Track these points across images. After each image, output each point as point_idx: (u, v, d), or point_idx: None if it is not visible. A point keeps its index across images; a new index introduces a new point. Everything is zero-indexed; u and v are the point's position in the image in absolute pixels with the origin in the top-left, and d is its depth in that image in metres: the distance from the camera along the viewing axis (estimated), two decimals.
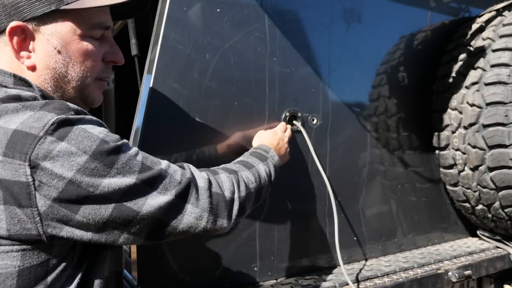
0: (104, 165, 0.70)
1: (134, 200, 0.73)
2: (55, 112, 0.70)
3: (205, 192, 0.84)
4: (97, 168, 0.69)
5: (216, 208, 0.85)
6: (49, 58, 0.80)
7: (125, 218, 0.73)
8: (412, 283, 1.43)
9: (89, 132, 0.70)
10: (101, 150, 0.70)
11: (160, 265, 1.19)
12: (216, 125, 1.27)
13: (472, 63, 1.61)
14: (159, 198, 0.76)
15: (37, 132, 0.67)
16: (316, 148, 1.42)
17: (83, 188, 0.68)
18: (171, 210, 0.78)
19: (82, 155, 0.68)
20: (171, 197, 0.77)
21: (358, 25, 1.54)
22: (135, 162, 0.75)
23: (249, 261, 1.33)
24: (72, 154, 0.68)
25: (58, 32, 0.79)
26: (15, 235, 0.67)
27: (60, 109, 0.71)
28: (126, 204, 0.72)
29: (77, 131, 0.69)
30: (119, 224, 0.73)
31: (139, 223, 0.74)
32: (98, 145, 0.70)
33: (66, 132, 0.69)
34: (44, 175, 0.67)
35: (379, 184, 1.61)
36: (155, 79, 1.18)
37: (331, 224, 1.48)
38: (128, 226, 0.74)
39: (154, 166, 0.78)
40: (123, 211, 0.72)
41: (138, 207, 0.73)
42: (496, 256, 1.67)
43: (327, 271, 1.46)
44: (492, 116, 1.49)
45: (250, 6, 1.31)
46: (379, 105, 1.61)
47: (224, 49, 1.28)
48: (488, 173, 1.54)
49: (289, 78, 1.39)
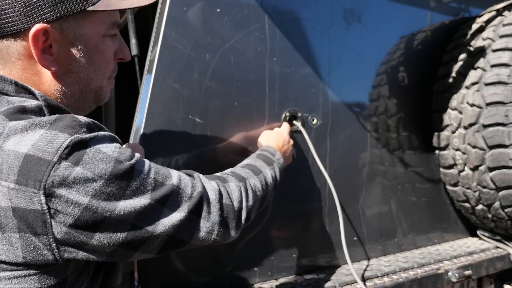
0: (120, 188, 0.69)
1: (149, 220, 0.73)
2: (67, 132, 0.67)
3: (216, 205, 0.84)
4: (113, 192, 0.68)
5: (226, 220, 0.86)
6: (72, 62, 0.77)
7: (140, 239, 0.72)
8: (412, 283, 1.43)
9: (103, 153, 0.68)
10: (116, 172, 0.68)
11: (160, 265, 1.19)
12: (216, 125, 1.27)
13: (472, 63, 1.61)
14: (173, 216, 0.75)
15: (51, 158, 0.64)
16: (316, 148, 1.42)
17: (99, 213, 0.67)
18: (184, 227, 0.78)
19: (98, 180, 0.67)
20: (184, 213, 0.77)
21: (358, 25, 1.54)
22: (148, 180, 0.73)
23: (249, 261, 1.33)
24: (88, 179, 0.66)
25: (82, 34, 0.77)
26: (31, 262, 0.66)
27: (73, 127, 0.68)
28: (141, 225, 0.72)
29: (91, 153, 0.67)
30: (133, 244, 0.72)
31: (153, 242, 0.74)
32: (113, 167, 0.68)
33: (80, 155, 0.66)
34: (60, 203, 0.65)
35: (379, 184, 1.61)
36: (155, 79, 1.18)
37: (331, 224, 1.48)
38: (142, 245, 0.74)
39: (166, 181, 0.77)
40: (138, 233, 0.72)
41: (152, 228, 0.73)
42: (496, 256, 1.67)
43: (327, 271, 1.46)
44: (492, 116, 1.49)
45: (250, 6, 1.31)
46: (379, 105, 1.61)
47: (224, 49, 1.28)
48: (488, 173, 1.54)
49: (289, 78, 1.39)
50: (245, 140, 1.31)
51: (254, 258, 1.34)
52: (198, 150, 1.25)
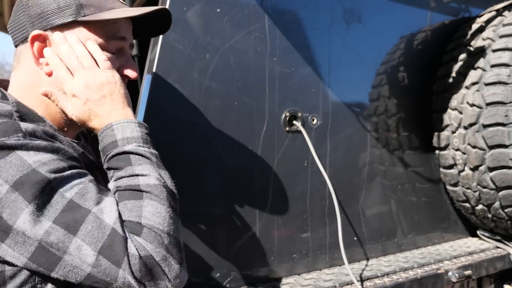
0: (24, 197, 0.64)
1: (56, 245, 0.65)
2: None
3: (137, 260, 0.68)
4: (16, 200, 0.64)
5: (150, 274, 0.69)
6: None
7: (48, 263, 0.66)
8: (412, 283, 1.43)
9: (22, 160, 0.66)
10: (25, 180, 0.65)
11: None
12: (216, 125, 1.27)
13: (472, 63, 1.61)
14: (82, 249, 0.66)
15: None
16: (316, 148, 1.42)
17: (3, 220, 0.65)
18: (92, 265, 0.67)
19: (3, 184, 0.64)
20: (95, 252, 0.66)
21: (358, 25, 1.54)
22: (60, 200, 0.67)
23: (249, 261, 1.33)
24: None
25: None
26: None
27: (5, 131, 0.68)
28: (47, 247, 0.66)
29: (9, 158, 0.66)
30: (42, 267, 0.67)
31: (62, 269, 0.67)
32: (24, 175, 0.65)
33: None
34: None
35: (379, 184, 1.61)
36: (155, 79, 1.18)
37: (331, 224, 1.48)
38: (56, 268, 0.66)
39: (84, 206, 0.68)
40: (45, 254, 0.66)
41: (60, 253, 0.66)
42: (496, 256, 1.67)
43: (327, 271, 1.46)
44: (492, 116, 1.49)
45: (250, 6, 1.31)
46: (379, 105, 1.61)
47: (224, 49, 1.28)
48: (488, 173, 1.54)
49: (289, 78, 1.39)
50: (245, 140, 1.31)
51: (254, 258, 1.34)
52: (198, 150, 1.25)
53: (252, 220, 1.33)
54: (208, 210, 1.26)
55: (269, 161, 1.36)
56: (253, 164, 1.33)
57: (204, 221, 1.26)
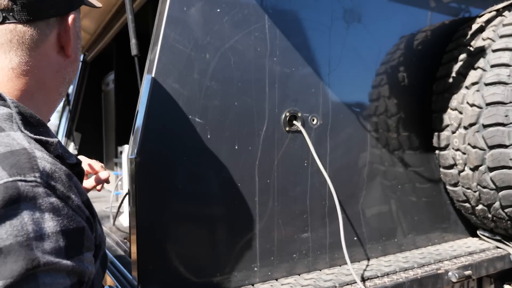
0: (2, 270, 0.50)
1: None
2: (8, 173, 0.53)
3: None
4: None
5: None
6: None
7: None
8: (412, 283, 1.43)
9: (22, 223, 0.52)
10: (11, 250, 0.51)
11: (160, 265, 1.19)
12: (216, 125, 1.27)
13: (472, 63, 1.62)
14: None
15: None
16: (316, 148, 1.42)
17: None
18: None
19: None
20: None
21: (358, 25, 1.54)
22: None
23: (249, 261, 1.33)
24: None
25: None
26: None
27: (21, 168, 0.55)
28: None
29: (8, 213, 0.52)
30: None
31: None
32: (13, 244, 0.51)
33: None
34: None
35: (379, 184, 1.61)
36: (155, 79, 1.18)
37: (331, 224, 1.48)
38: None
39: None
40: None
41: None
42: (496, 256, 1.67)
43: (327, 271, 1.46)
44: (492, 116, 1.49)
45: (250, 6, 1.31)
46: (379, 105, 1.61)
47: (224, 49, 1.28)
48: (488, 173, 1.54)
49: (289, 78, 1.39)
50: (245, 140, 1.31)
51: (254, 258, 1.34)
52: (198, 151, 1.25)
53: (252, 220, 1.34)
54: (208, 210, 1.26)
55: (269, 161, 1.36)
56: (253, 164, 1.33)
57: (204, 221, 1.26)
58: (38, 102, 0.73)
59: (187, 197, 1.23)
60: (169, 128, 1.21)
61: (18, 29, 0.67)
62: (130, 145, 1.20)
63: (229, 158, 1.29)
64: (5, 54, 0.68)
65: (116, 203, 2.45)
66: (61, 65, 0.76)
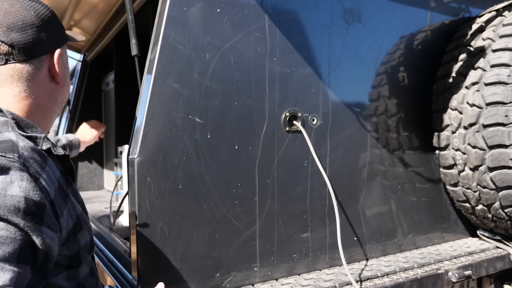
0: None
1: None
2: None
3: None
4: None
5: None
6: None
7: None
8: (412, 283, 1.43)
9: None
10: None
11: (160, 265, 1.19)
12: (216, 125, 1.27)
13: (472, 63, 1.62)
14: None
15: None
16: (316, 148, 1.42)
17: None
18: None
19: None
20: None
21: (358, 25, 1.54)
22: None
23: (249, 261, 1.33)
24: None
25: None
26: None
27: (4, 149, 0.71)
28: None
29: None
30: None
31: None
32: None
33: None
34: None
35: (379, 184, 1.61)
36: (155, 79, 1.18)
37: (331, 224, 1.48)
38: None
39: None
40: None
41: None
42: (496, 256, 1.67)
43: (327, 271, 1.46)
44: (492, 116, 1.49)
45: (250, 6, 1.31)
46: (379, 105, 1.61)
47: (224, 49, 1.28)
48: (488, 173, 1.54)
49: (289, 78, 1.39)
50: (245, 140, 1.31)
51: (254, 258, 1.34)
52: (198, 151, 1.25)
53: (252, 220, 1.34)
54: (208, 210, 1.26)
55: (269, 161, 1.36)
56: (253, 164, 1.33)
57: (204, 221, 1.26)
58: (37, 119, 0.90)
59: (187, 197, 1.23)
60: (169, 128, 1.21)
61: (17, 67, 0.86)
62: (130, 145, 1.21)
63: (229, 158, 1.29)
64: (8, 86, 0.87)
65: (116, 203, 2.45)
66: (53, 90, 0.94)
